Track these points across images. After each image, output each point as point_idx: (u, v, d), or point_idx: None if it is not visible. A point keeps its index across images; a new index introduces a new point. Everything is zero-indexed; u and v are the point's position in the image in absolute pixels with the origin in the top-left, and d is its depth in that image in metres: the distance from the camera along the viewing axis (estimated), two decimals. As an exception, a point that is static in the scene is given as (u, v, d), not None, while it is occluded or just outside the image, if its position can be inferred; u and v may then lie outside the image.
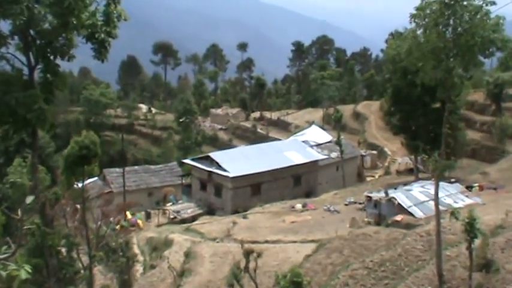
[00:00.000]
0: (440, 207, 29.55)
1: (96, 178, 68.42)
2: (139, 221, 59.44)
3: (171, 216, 61.55)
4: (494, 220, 33.59)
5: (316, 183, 72.21)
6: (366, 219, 45.55)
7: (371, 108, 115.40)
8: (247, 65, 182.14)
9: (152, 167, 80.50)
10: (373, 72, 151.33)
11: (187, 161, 73.26)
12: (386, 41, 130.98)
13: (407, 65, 30.30)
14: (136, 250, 47.49)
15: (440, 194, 40.41)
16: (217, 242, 45.85)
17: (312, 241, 40.61)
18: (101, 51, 24.10)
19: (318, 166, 72.69)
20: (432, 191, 25.43)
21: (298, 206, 57.21)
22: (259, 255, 29.85)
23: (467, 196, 48.88)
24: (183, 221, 59.43)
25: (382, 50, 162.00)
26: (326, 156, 74.83)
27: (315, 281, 30.69)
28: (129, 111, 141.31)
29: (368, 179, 79.56)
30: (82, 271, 33.63)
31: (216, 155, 68.07)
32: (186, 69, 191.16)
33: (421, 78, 23.30)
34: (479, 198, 48.07)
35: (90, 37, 23.83)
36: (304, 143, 76.91)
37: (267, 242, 42.87)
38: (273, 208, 58.09)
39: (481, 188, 54.75)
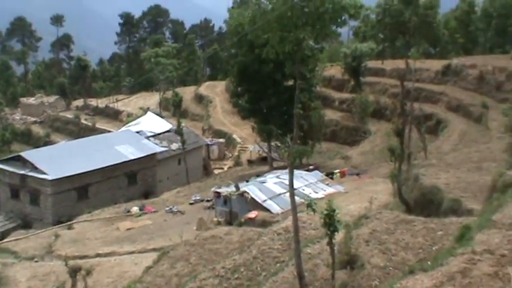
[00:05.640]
0: (299, 199, 30.46)
1: None
2: None
3: (-26, 235, 58.13)
4: (358, 209, 35.27)
5: (155, 181, 71.81)
6: (215, 219, 45.93)
7: (216, 90, 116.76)
8: (64, 42, 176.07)
9: None
10: (217, 47, 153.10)
11: (-8, 163, 69.63)
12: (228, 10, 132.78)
13: (252, 38, 30.71)
14: None
15: (297, 184, 41.94)
16: (36, 262, 44.11)
17: (153, 250, 40.48)
18: None
19: (157, 160, 72.28)
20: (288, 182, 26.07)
21: (135, 209, 56.60)
22: (88, 272, 29.07)
23: (328, 184, 51.07)
24: (-10, 239, 56.46)
25: (225, 21, 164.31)
26: (165, 148, 74.53)
27: (158, 297, 30.41)
28: None
29: (216, 171, 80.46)
30: None
31: (29, 154, 65.84)
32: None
33: (267, 53, 23.54)
34: (342, 186, 50.44)
35: None
36: (139, 133, 76.20)
37: (98, 255, 42.14)
38: (104, 214, 57.13)
39: (343, 174, 57.45)
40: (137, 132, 76.84)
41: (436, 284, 15.84)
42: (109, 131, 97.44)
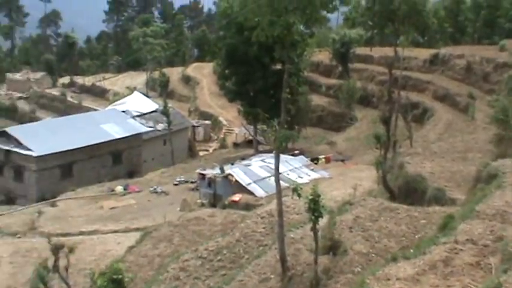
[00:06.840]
0: (283, 184, 30.43)
1: None
2: None
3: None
4: (342, 195, 35.31)
5: (140, 161, 71.52)
6: (199, 201, 45.88)
7: (203, 71, 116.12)
8: (52, 19, 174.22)
9: None
10: (205, 28, 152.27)
11: (-25, 139, 69.04)
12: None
13: (242, 20, 30.48)
14: None
15: (282, 169, 41.85)
16: (19, 238, 43.57)
17: (137, 229, 40.34)
18: None
19: (142, 140, 71.97)
20: (273, 166, 26.03)
21: (119, 188, 56.37)
22: (71, 250, 28.72)
23: (313, 170, 51.16)
24: (-28, 214, 55.98)
25: (215, 3, 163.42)
26: (151, 129, 74.15)
27: (139, 277, 30.32)
28: None
29: (201, 153, 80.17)
30: None
31: (14, 130, 65.36)
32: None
33: (256, 36, 23.38)
34: (326, 172, 50.54)
35: None
36: (125, 113, 75.70)
37: (81, 233, 41.82)
38: (88, 192, 56.75)
39: (328, 160, 57.55)
40: (123, 111, 76.29)
41: (418, 272, 15.90)
42: (95, 110, 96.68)
